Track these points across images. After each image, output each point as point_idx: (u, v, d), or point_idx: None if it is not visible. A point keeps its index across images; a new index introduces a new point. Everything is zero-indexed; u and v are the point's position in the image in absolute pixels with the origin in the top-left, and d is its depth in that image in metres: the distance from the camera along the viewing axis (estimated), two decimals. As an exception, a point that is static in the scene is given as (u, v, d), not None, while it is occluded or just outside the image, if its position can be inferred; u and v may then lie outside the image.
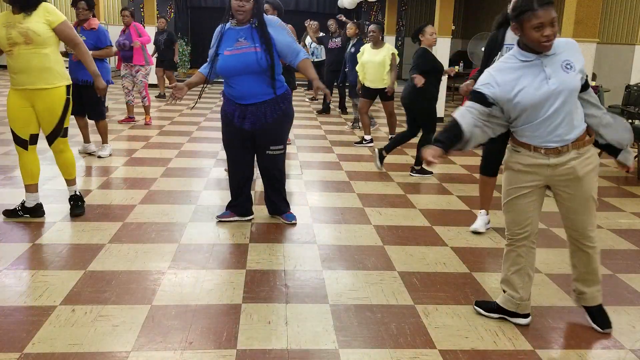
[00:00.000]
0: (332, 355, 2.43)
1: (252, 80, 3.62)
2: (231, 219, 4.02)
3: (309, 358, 2.40)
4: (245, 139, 3.80)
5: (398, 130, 7.45)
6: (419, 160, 5.64)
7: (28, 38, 3.58)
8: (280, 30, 3.67)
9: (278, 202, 4.06)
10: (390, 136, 7.14)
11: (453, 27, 9.28)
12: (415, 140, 7.50)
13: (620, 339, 2.65)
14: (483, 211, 4.12)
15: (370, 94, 6.89)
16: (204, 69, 3.77)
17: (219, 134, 7.39)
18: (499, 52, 3.76)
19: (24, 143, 3.81)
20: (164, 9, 14.78)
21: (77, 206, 4.05)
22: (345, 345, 2.50)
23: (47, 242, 3.53)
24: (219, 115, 9.67)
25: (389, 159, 6.33)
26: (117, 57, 7.67)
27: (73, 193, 4.07)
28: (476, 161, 6.33)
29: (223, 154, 6.19)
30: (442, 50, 8.90)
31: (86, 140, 6.03)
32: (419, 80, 5.15)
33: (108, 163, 5.64)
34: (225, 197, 4.68)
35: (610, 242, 3.93)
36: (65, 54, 5.48)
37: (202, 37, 16.47)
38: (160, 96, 10.99)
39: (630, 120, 7.58)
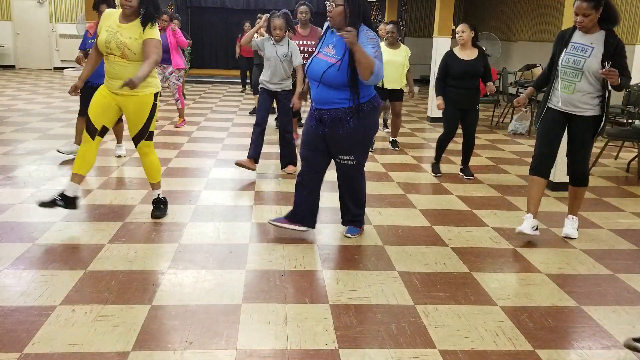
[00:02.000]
0: (332, 355, 2.43)
1: (324, 87, 3.50)
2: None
3: (309, 358, 2.40)
4: (316, 141, 3.67)
5: (403, 130, 7.47)
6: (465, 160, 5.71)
7: (124, 54, 3.71)
8: (366, 44, 3.37)
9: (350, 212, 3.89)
10: (391, 139, 7.03)
11: (453, 27, 9.27)
12: (416, 140, 7.51)
13: (620, 339, 2.64)
14: (530, 215, 3.90)
15: (385, 95, 6.70)
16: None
17: (219, 134, 7.46)
18: (564, 49, 3.75)
19: (93, 131, 3.84)
20: (163, 8, 14.78)
21: (159, 208, 4.08)
22: (345, 345, 2.50)
23: (47, 242, 3.53)
24: (219, 116, 9.67)
25: (389, 159, 6.34)
26: None
27: (156, 196, 4.11)
28: (477, 161, 6.34)
29: (223, 154, 6.19)
30: (442, 50, 8.87)
31: (78, 141, 5.97)
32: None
33: (108, 163, 5.64)
34: (226, 197, 4.69)
35: (611, 242, 3.93)
36: (85, 56, 5.48)
37: (202, 37, 16.48)
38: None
39: (630, 120, 7.57)
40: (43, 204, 3.76)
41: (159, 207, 4.11)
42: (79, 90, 4.21)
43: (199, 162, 5.80)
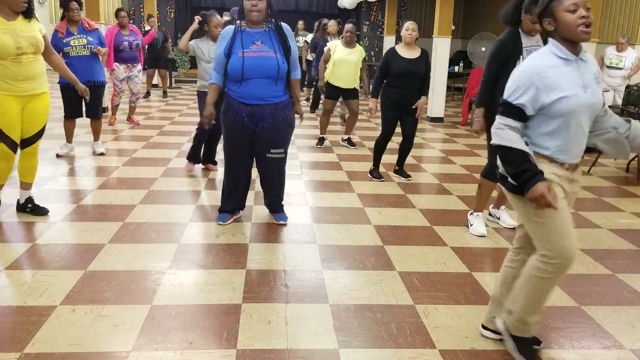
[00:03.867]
0: (332, 355, 2.43)
1: (264, 83, 3.58)
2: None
3: (309, 358, 2.40)
4: (245, 141, 3.75)
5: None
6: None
7: (37, 48, 3.69)
8: (292, 40, 3.67)
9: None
10: (347, 137, 6.92)
11: (453, 27, 9.27)
12: (415, 140, 7.50)
13: (620, 339, 2.65)
14: (480, 213, 4.09)
15: (337, 94, 6.67)
16: (216, 79, 3.69)
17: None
18: (521, 56, 3.66)
19: (15, 147, 3.83)
20: (164, 8, 14.78)
21: (38, 208, 4.01)
22: (345, 345, 2.50)
23: (47, 242, 3.53)
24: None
25: (389, 159, 6.33)
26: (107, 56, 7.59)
27: (28, 196, 4.05)
28: (476, 161, 6.34)
29: (222, 154, 6.20)
30: (442, 50, 8.90)
31: (70, 140, 5.95)
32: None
33: (108, 163, 5.64)
34: (225, 197, 4.69)
35: (610, 242, 3.93)
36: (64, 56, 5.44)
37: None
38: (165, 94, 11.01)
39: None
40: None
41: (37, 206, 4.03)
42: None
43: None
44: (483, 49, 11.20)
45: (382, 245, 3.71)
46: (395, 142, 7.15)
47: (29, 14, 3.68)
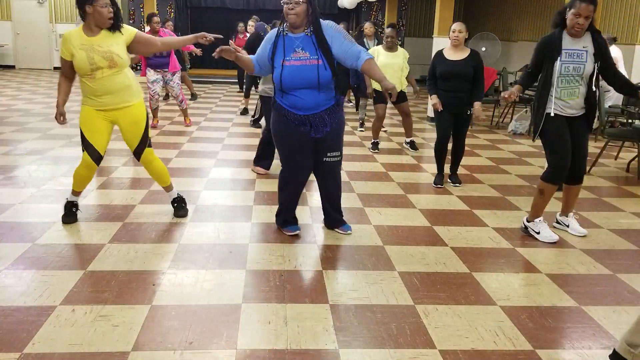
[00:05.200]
0: (332, 355, 2.43)
1: (308, 93, 3.42)
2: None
3: (309, 358, 2.40)
4: (307, 145, 3.59)
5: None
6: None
7: (112, 62, 3.58)
8: (336, 35, 3.41)
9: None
10: (406, 140, 6.97)
11: (454, 27, 9.27)
12: (416, 140, 7.51)
13: (620, 339, 2.64)
14: (542, 218, 3.95)
15: (383, 97, 6.63)
16: (253, 60, 3.59)
17: (219, 134, 7.45)
18: (559, 57, 3.67)
19: (99, 159, 3.80)
20: (164, 8, 14.78)
21: (181, 208, 4.11)
22: (345, 345, 2.50)
23: (47, 242, 3.53)
24: (219, 116, 9.66)
25: (390, 159, 6.34)
26: (141, 62, 7.62)
27: (175, 196, 4.14)
28: (477, 161, 6.33)
29: (223, 154, 6.19)
30: (442, 50, 8.89)
31: None
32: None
33: (108, 163, 5.63)
34: (226, 197, 4.69)
35: (610, 242, 3.93)
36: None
37: (202, 37, 16.49)
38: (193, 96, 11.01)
39: (630, 120, 7.59)
40: (66, 220, 3.87)
41: (180, 206, 4.12)
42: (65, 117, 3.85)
43: (199, 162, 5.80)
44: (483, 48, 11.21)
45: (382, 245, 3.71)
46: (396, 140, 7.17)
47: (113, 28, 3.62)
